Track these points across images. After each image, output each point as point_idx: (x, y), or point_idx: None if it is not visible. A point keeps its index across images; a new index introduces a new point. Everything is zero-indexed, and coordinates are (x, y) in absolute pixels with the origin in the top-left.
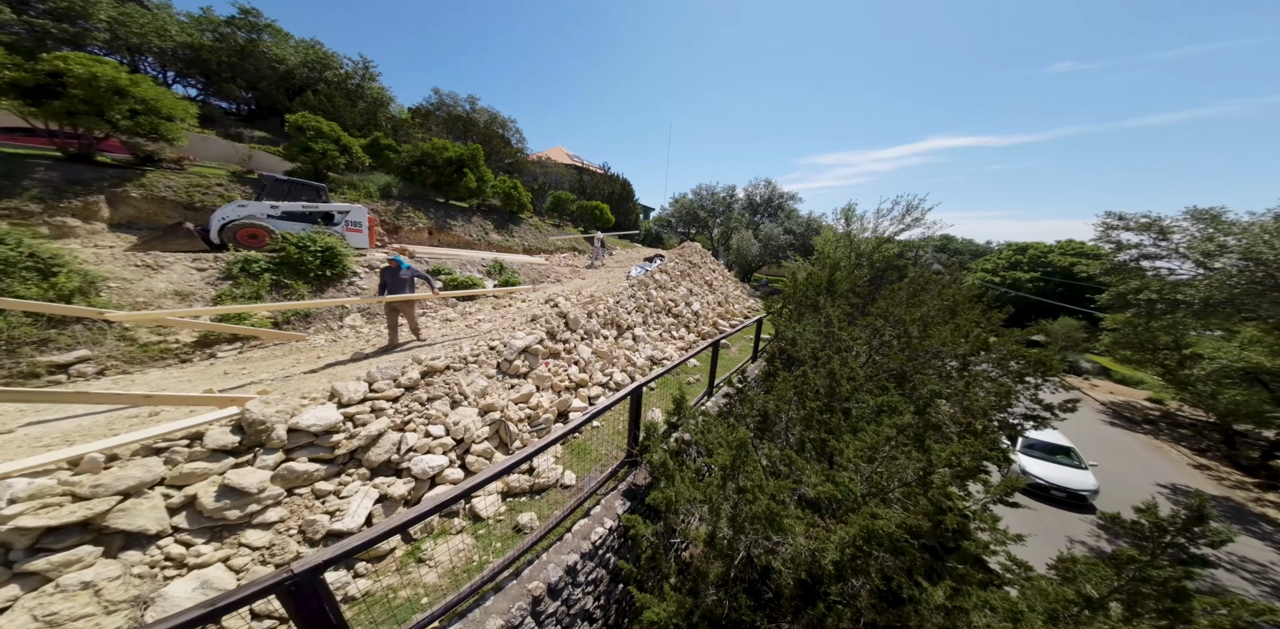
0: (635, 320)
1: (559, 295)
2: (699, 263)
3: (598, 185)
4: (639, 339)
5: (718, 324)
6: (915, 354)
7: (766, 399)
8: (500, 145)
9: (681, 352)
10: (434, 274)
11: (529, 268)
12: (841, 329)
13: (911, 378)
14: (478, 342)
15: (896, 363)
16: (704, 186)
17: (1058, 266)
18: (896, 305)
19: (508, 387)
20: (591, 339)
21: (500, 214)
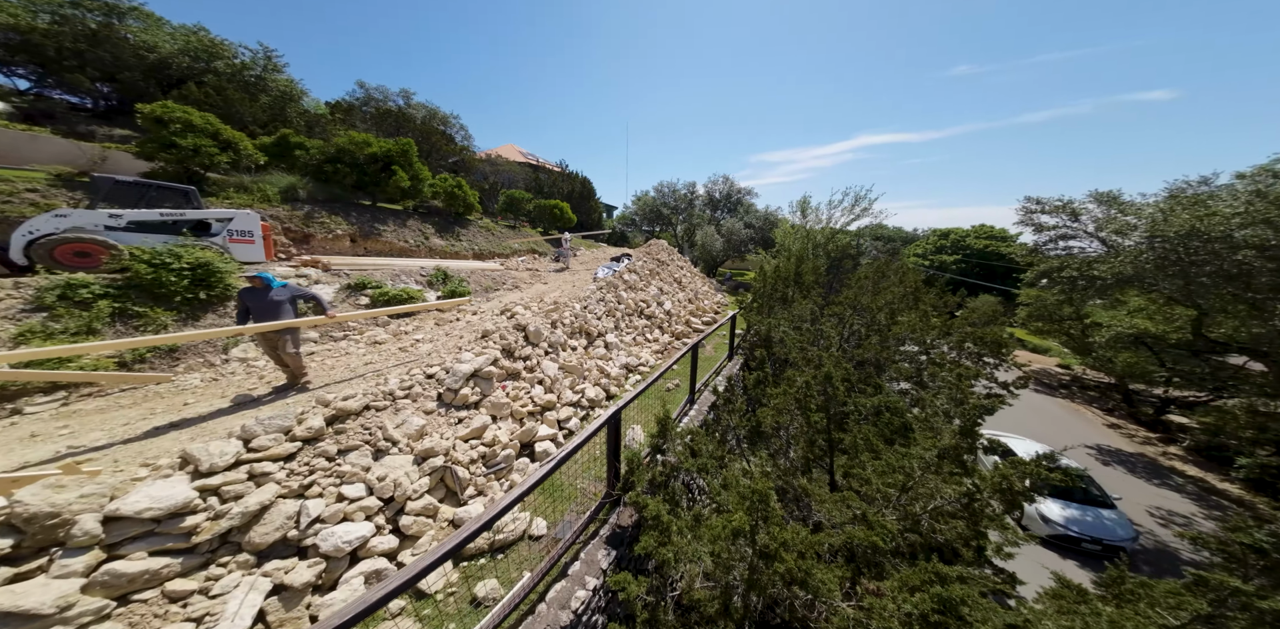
0: (606, 326)
1: (517, 304)
2: (667, 260)
3: (556, 184)
4: (612, 346)
5: (690, 322)
6: (887, 342)
7: (763, 413)
8: (441, 142)
9: (657, 355)
10: (356, 288)
11: (481, 275)
12: (826, 323)
13: (887, 367)
14: (411, 370)
15: (872, 353)
16: (665, 184)
17: (975, 249)
18: (863, 293)
19: (453, 421)
20: (557, 352)
21: (443, 216)
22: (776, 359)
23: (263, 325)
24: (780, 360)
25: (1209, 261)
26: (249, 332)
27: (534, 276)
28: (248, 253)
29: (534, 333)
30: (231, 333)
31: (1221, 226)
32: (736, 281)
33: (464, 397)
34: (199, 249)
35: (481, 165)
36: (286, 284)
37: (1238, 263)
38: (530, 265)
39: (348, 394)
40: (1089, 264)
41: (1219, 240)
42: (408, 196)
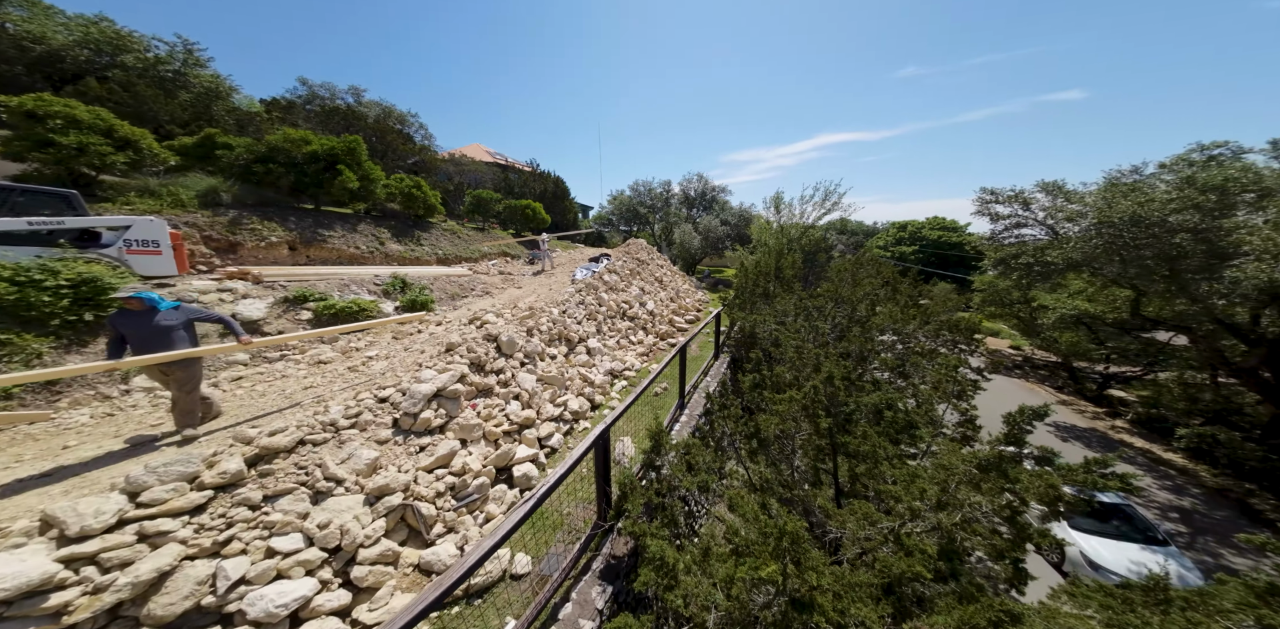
0: (587, 330)
1: (488, 312)
2: (646, 259)
3: (527, 184)
4: (594, 352)
5: (674, 321)
6: (869, 333)
7: (765, 420)
8: (398, 141)
9: (643, 358)
10: (295, 302)
11: (446, 281)
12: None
13: (871, 360)
14: (359, 394)
15: (856, 345)
16: (641, 183)
17: (930, 239)
18: (843, 286)
19: (414, 450)
20: (535, 362)
21: (401, 219)
22: (754, 349)
23: (139, 359)
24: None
25: (1150, 245)
26: (124, 366)
27: (507, 281)
28: (153, 265)
29: (507, 343)
30: (95, 369)
31: (1159, 212)
32: (715, 278)
33: (426, 421)
34: (82, 263)
35: (445, 166)
36: (180, 305)
37: (1175, 245)
38: (503, 269)
39: (276, 428)
40: (1041, 250)
41: (1157, 225)
42: (358, 199)
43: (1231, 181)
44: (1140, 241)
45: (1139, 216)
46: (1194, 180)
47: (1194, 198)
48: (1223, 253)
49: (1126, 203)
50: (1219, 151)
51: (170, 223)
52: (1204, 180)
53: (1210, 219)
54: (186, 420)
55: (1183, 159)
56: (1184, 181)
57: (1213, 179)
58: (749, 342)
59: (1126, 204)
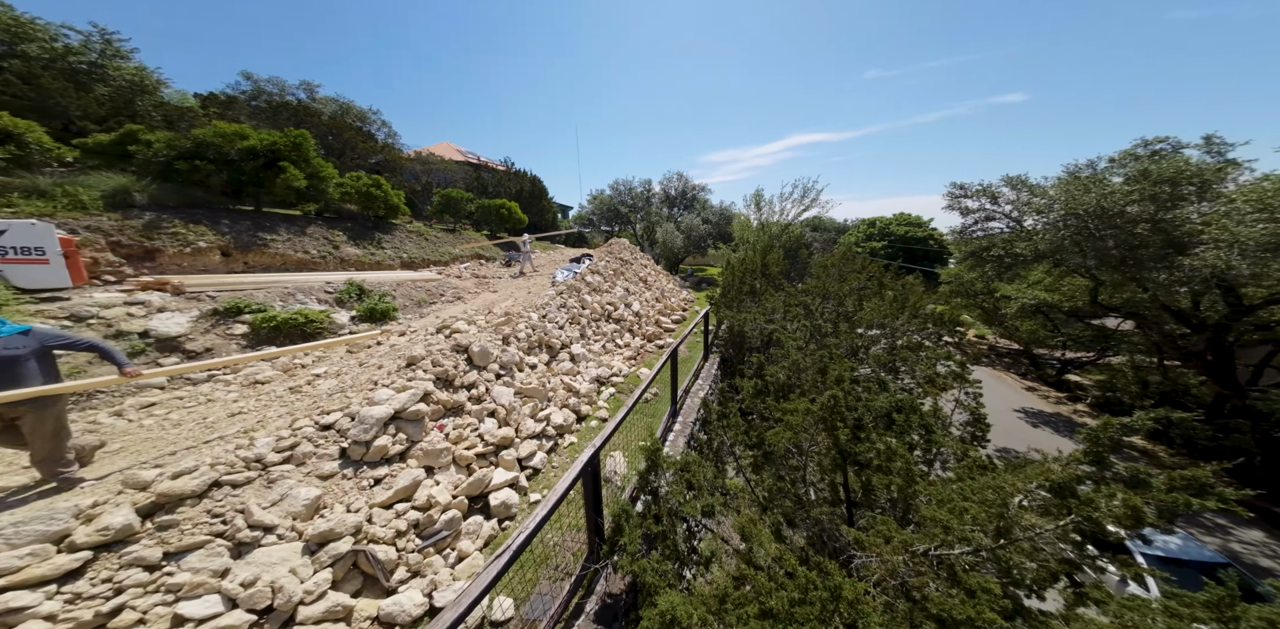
0: (570, 335)
1: (458, 319)
2: (630, 259)
3: (502, 183)
4: (579, 358)
5: (660, 322)
6: (857, 329)
7: (774, 435)
8: (356, 139)
9: (630, 362)
10: (228, 314)
11: (411, 287)
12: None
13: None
14: (295, 421)
15: (846, 340)
16: (621, 182)
17: (898, 235)
18: (830, 281)
19: (367, 484)
20: (512, 374)
21: (358, 221)
22: (751, 350)
23: None
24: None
25: (1114, 235)
26: None
27: (481, 284)
28: (37, 276)
29: (480, 353)
30: None
31: (1119, 203)
32: (699, 277)
33: (381, 448)
34: None
35: (411, 165)
36: (32, 329)
37: (1136, 236)
38: (477, 272)
39: (182, 469)
40: (1010, 243)
41: (1119, 216)
42: (307, 199)
43: (1180, 174)
44: (1104, 232)
45: (1103, 208)
46: (1149, 173)
47: (1149, 190)
48: (1178, 243)
49: (1091, 195)
50: (1160, 146)
51: (65, 227)
52: (1158, 172)
53: (1164, 210)
54: (54, 467)
55: (1129, 154)
56: (1140, 174)
57: (1165, 171)
58: (738, 341)
59: (1091, 196)
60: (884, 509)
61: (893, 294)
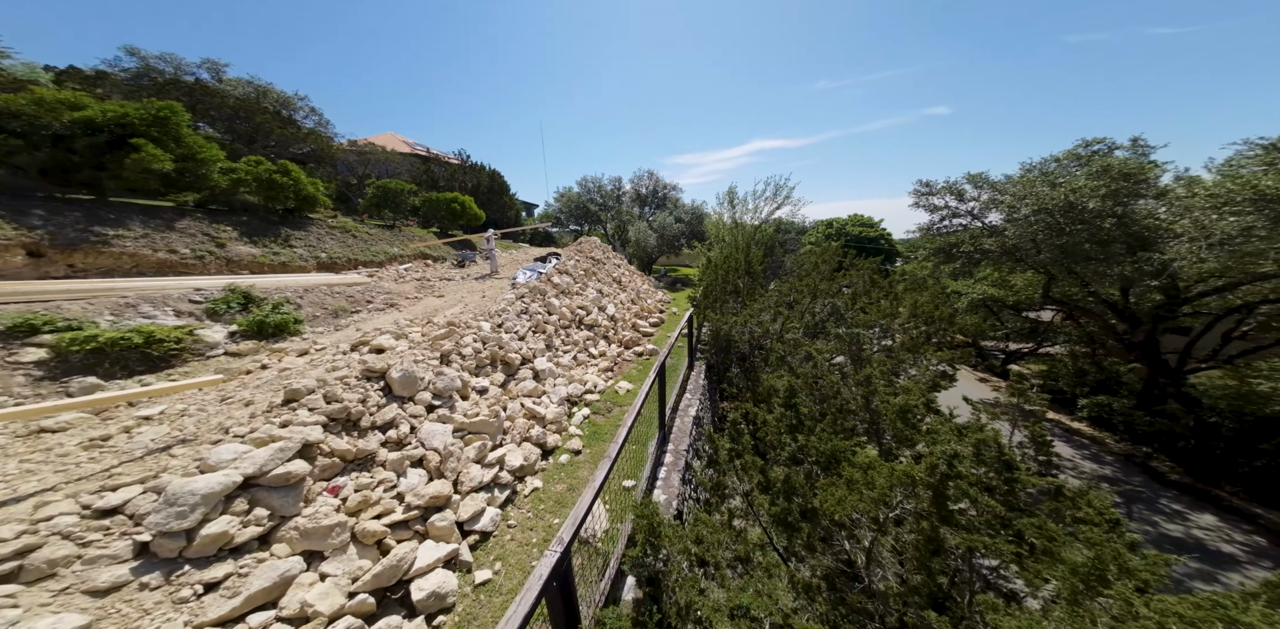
0: (534, 347)
1: (383, 332)
2: (602, 258)
3: (455, 177)
4: (544, 375)
5: (637, 325)
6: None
7: (835, 500)
8: (273, 125)
9: (607, 374)
10: (15, 334)
11: (327, 292)
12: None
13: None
14: (39, 510)
15: (846, 344)
16: (590, 179)
17: (853, 234)
18: (820, 279)
19: (193, 593)
20: (452, 404)
21: (259, 214)
22: (741, 356)
23: None
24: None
25: (1085, 230)
26: None
27: (424, 288)
28: None
29: (402, 380)
30: None
31: (1086, 198)
32: (673, 277)
33: (218, 537)
34: None
35: (345, 155)
36: None
37: (1104, 230)
38: (421, 274)
39: None
40: (977, 239)
41: (1085, 210)
42: (180, 187)
43: (1139, 169)
44: (1074, 227)
45: (1070, 203)
46: (1110, 168)
47: (1111, 185)
48: (1137, 236)
49: (1060, 191)
50: (1097, 148)
51: None
52: (1118, 167)
53: (1122, 205)
54: None
55: (1071, 153)
56: (1102, 170)
57: (1125, 166)
58: (725, 346)
59: (1060, 192)
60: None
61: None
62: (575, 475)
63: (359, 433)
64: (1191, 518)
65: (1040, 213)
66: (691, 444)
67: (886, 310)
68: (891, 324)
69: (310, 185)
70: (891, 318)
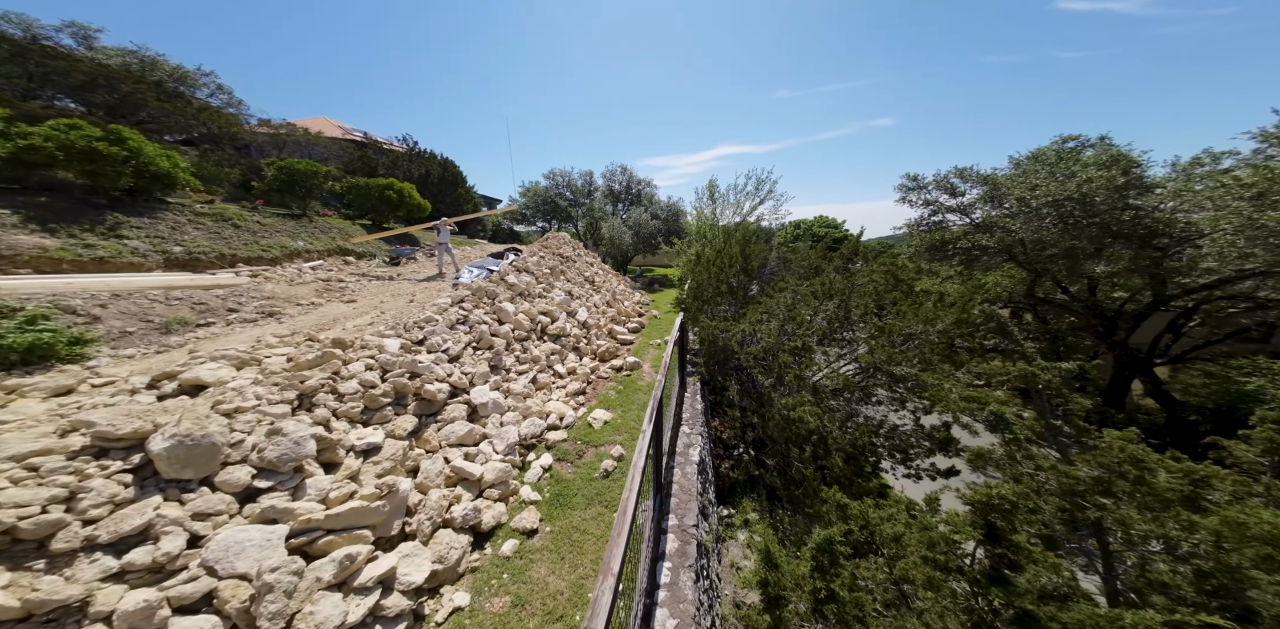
0: (472, 371)
1: (217, 357)
2: (572, 256)
3: (399, 165)
4: (486, 411)
5: (614, 332)
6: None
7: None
8: (149, 97)
9: (577, 399)
10: None
11: (159, 298)
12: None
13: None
14: None
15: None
16: (559, 171)
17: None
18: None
19: None
20: (298, 481)
21: (72, 194)
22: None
23: None
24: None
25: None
26: None
27: (329, 292)
28: None
29: (174, 453)
30: None
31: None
32: (649, 277)
33: None
34: None
35: (255, 137)
36: None
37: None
38: (331, 274)
39: None
40: (968, 235)
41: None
42: None
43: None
44: (1089, 221)
45: (1083, 194)
46: (1119, 159)
47: (1118, 178)
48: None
49: (1072, 183)
50: (1072, 144)
51: None
52: (1126, 159)
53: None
54: None
55: (1051, 149)
56: (1110, 159)
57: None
58: (722, 358)
59: (1072, 184)
60: None
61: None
62: (526, 578)
63: (50, 564)
64: None
65: (1051, 205)
66: (702, 508)
67: (929, 314)
68: (930, 330)
69: (163, 159)
70: (931, 323)
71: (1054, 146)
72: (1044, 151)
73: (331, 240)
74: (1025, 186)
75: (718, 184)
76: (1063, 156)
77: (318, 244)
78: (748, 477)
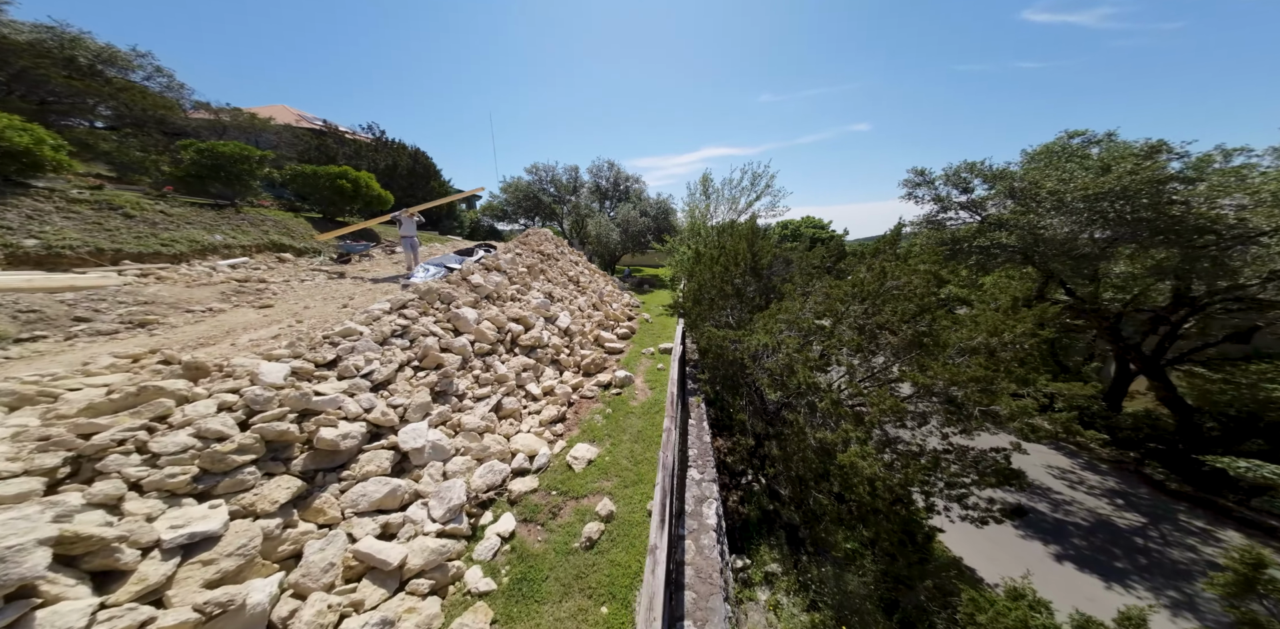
0: (403, 403)
1: None
2: (554, 253)
3: (362, 155)
4: (418, 457)
5: (601, 339)
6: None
7: None
8: (53, 73)
9: (552, 429)
10: None
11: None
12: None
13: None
14: None
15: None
16: (541, 166)
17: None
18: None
19: None
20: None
21: None
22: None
23: None
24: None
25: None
26: None
27: (237, 295)
28: None
29: None
30: None
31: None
32: (638, 277)
33: None
34: None
35: (190, 122)
36: None
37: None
38: (258, 273)
39: None
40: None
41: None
42: None
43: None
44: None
45: (1124, 187)
46: (1159, 148)
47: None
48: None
49: (1111, 176)
50: (1078, 140)
51: None
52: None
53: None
54: None
55: (1059, 144)
56: (1150, 149)
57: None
58: (731, 374)
59: (1112, 177)
60: None
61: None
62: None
63: None
64: (1221, 537)
65: (1087, 200)
66: (727, 595)
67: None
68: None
69: (19, 134)
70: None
71: (1060, 142)
72: (1052, 147)
73: (264, 234)
74: (1057, 179)
75: (712, 178)
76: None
77: (244, 238)
78: (761, 513)
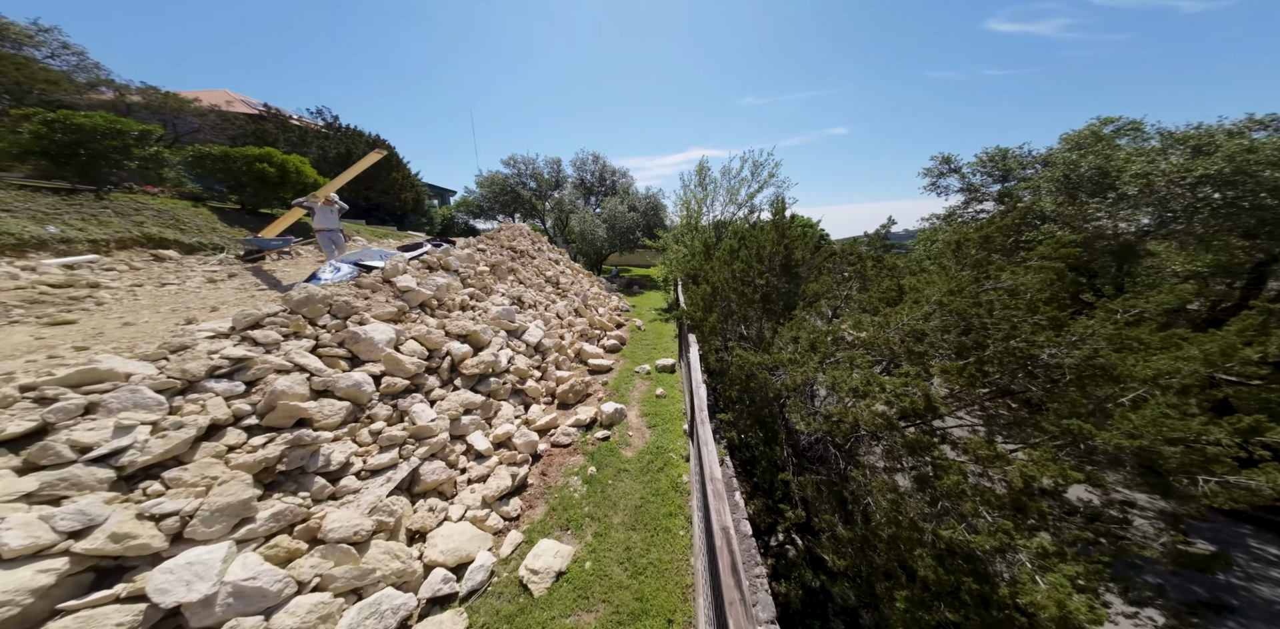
0: (197, 502)
1: None
2: (529, 250)
3: (308, 141)
4: (200, 617)
5: (585, 354)
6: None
7: None
8: None
9: (500, 509)
10: None
11: None
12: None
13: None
14: None
15: (1149, 434)
16: (521, 158)
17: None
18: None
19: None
20: None
21: None
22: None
23: None
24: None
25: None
26: None
27: (32, 305)
28: None
29: None
30: None
31: (1262, 166)
32: (627, 278)
33: None
34: None
35: (88, 102)
36: None
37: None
38: (92, 277)
39: None
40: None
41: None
42: None
43: None
44: (1260, 201)
45: (1240, 168)
46: (1266, 123)
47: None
48: None
49: (1216, 157)
50: (1110, 128)
51: None
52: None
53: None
54: None
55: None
56: (1255, 124)
57: None
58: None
59: (1216, 158)
60: None
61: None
62: None
63: None
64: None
65: (1189, 187)
66: None
67: (1224, 344)
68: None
69: None
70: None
71: (1090, 130)
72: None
73: (136, 227)
74: (1144, 161)
75: (709, 167)
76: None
77: (98, 232)
78: (804, 592)
